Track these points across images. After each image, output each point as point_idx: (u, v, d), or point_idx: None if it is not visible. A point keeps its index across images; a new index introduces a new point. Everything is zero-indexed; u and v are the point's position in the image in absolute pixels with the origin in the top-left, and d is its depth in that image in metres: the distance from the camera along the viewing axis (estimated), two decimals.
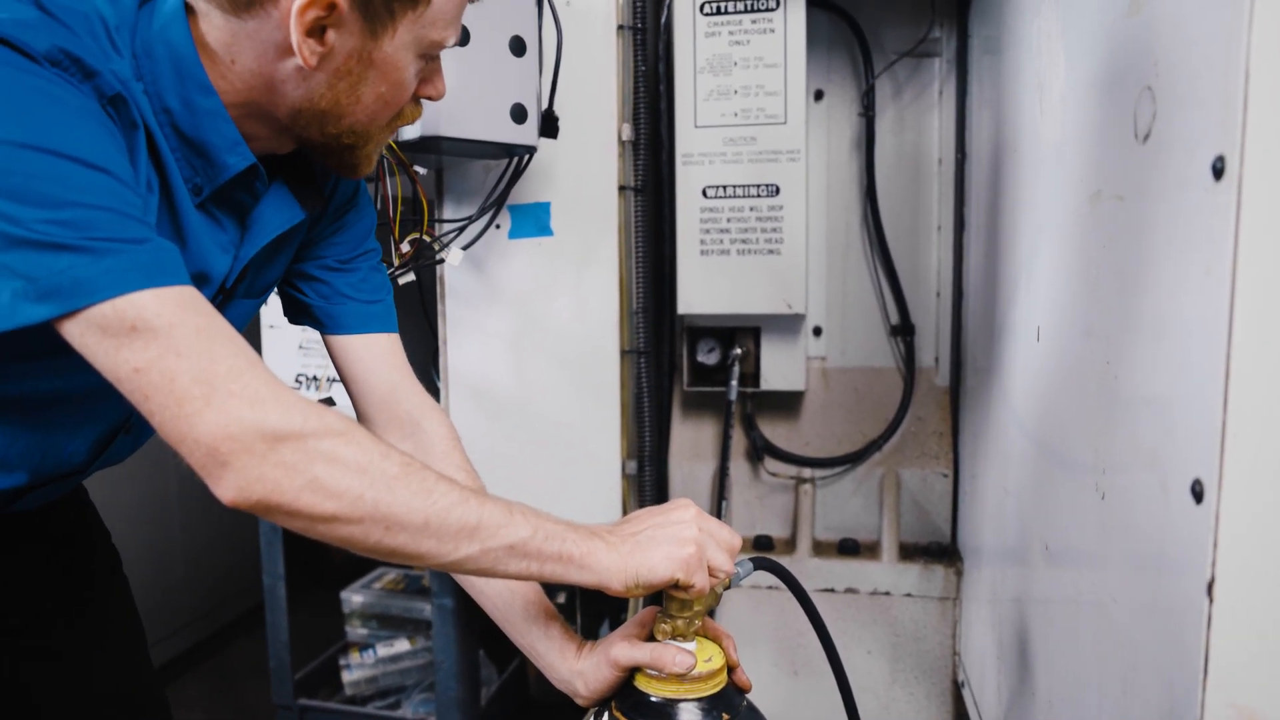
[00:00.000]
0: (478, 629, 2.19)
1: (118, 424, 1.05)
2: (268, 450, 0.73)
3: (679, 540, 0.91)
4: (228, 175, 0.92)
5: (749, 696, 1.07)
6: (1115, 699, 0.86)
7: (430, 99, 0.98)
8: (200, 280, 0.97)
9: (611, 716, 1.04)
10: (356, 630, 2.61)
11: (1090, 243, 0.96)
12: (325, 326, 1.15)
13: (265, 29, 0.85)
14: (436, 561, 0.81)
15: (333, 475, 0.75)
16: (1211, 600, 0.65)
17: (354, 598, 2.59)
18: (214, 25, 0.87)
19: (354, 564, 2.85)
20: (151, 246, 0.75)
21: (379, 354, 1.17)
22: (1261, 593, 0.64)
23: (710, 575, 0.96)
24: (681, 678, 1.02)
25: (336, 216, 1.13)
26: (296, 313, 1.17)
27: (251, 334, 2.78)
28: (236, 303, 1.06)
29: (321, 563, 2.93)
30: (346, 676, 2.49)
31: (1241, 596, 0.65)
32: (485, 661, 2.48)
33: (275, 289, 1.15)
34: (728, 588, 1.11)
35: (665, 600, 1.07)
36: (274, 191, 1.00)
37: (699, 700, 1.02)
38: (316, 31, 0.85)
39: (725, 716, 1.02)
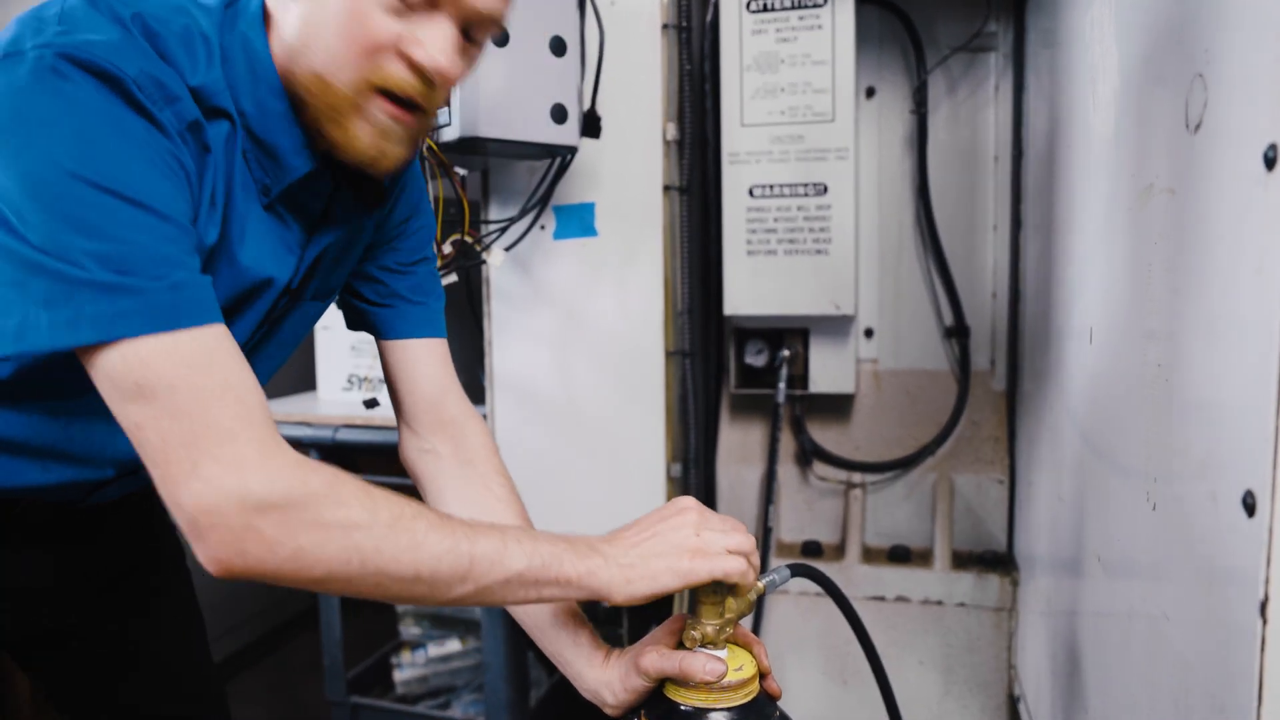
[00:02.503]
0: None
1: None
2: (248, 523, 0.73)
3: (679, 549, 0.90)
4: (294, 177, 0.93)
5: (780, 704, 1.05)
6: (1170, 715, 0.82)
7: (419, 65, 0.87)
8: (265, 283, 0.98)
9: None
10: (410, 629, 2.64)
11: (1142, 239, 0.92)
12: (381, 332, 1.17)
13: None
14: (433, 602, 0.82)
15: (317, 543, 0.75)
16: (1265, 621, 0.61)
17: None
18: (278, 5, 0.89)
19: None
20: (175, 288, 0.76)
21: (428, 358, 1.18)
22: None
23: (729, 580, 0.94)
24: (712, 686, 1.00)
25: (401, 221, 1.14)
26: (355, 319, 1.19)
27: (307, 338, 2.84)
28: (304, 305, 1.07)
29: None
30: (398, 675, 2.52)
31: None
32: (534, 663, 2.48)
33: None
34: (763, 595, 1.09)
35: (696, 605, 1.05)
36: (341, 194, 1.01)
37: (730, 710, 1.00)
38: None
39: None
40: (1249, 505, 0.62)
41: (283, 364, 1.14)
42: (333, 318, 2.19)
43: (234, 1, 0.92)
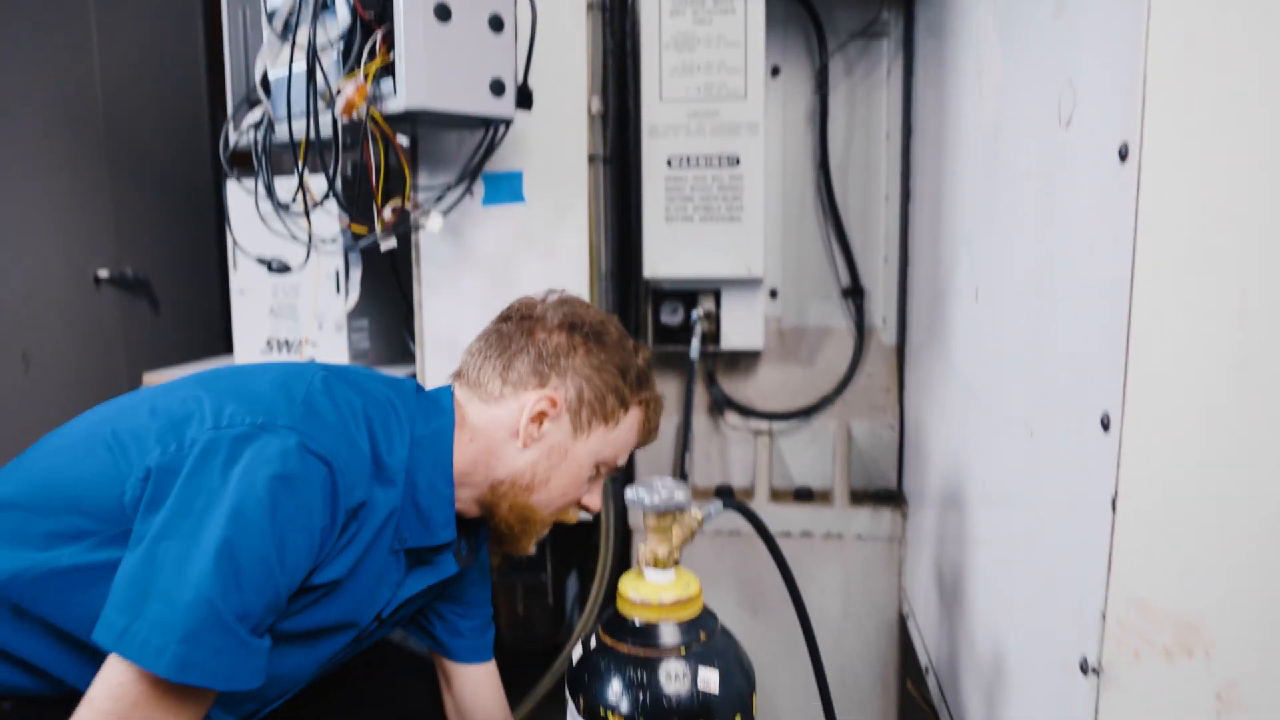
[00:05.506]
0: None
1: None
2: None
3: None
4: (436, 543, 1.18)
5: None
6: (1039, 600, 1.01)
7: (586, 509, 1.28)
8: (363, 613, 1.18)
9: (600, 640, 1.16)
10: None
11: (1021, 213, 1.09)
12: (450, 655, 1.41)
13: (505, 415, 1.20)
14: None
15: None
16: (1115, 511, 0.79)
17: None
18: (470, 410, 1.21)
19: None
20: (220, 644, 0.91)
21: (485, 681, 1.44)
22: (1155, 504, 0.78)
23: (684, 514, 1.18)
24: (662, 604, 1.14)
25: (472, 576, 1.41)
26: (421, 632, 1.41)
27: (223, 301, 2.82)
28: (385, 627, 1.27)
29: None
30: None
31: (1138, 509, 0.78)
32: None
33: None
34: (701, 524, 1.24)
35: (646, 532, 1.19)
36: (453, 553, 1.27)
37: (679, 622, 1.14)
38: (538, 421, 1.19)
39: (703, 635, 1.14)
40: (1105, 423, 0.80)
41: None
42: (252, 280, 2.20)
43: (421, 389, 1.24)
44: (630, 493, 1.17)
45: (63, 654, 1.03)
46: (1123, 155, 0.76)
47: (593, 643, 1.16)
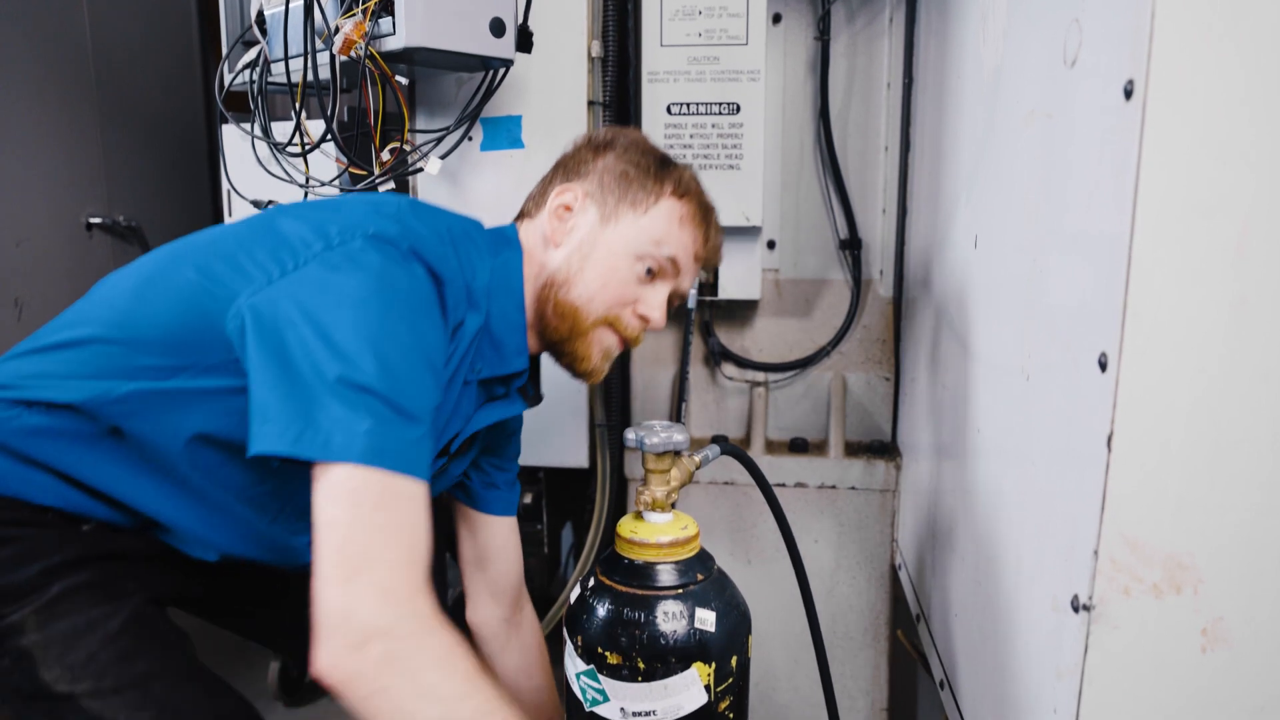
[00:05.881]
0: (445, 533, 2.31)
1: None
2: (358, 644, 0.83)
3: None
4: (509, 370, 1.20)
5: None
6: (1031, 539, 1.02)
7: (646, 320, 1.23)
8: (445, 445, 1.21)
9: (598, 581, 1.18)
10: None
11: (1023, 157, 1.09)
12: (478, 506, 1.43)
13: (541, 224, 1.23)
14: None
15: (399, 694, 0.83)
16: (1110, 450, 0.80)
17: None
18: (524, 238, 1.24)
19: None
20: (421, 442, 0.93)
21: (508, 533, 1.46)
22: (1150, 445, 0.79)
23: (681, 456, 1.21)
24: (661, 545, 1.16)
25: (514, 428, 1.43)
26: (453, 486, 1.41)
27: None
28: (453, 464, 1.29)
29: None
30: None
31: (1133, 447, 0.79)
32: (451, 564, 2.59)
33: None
34: (699, 467, 1.25)
35: (645, 474, 1.20)
36: (522, 388, 1.29)
37: (676, 563, 1.16)
38: (563, 216, 1.21)
39: (700, 577, 1.16)
40: (1103, 364, 0.81)
41: None
42: None
43: (492, 229, 1.25)
44: (630, 434, 1.18)
45: (149, 483, 1.06)
46: (1128, 93, 0.76)
47: (591, 582, 1.18)
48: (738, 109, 1.87)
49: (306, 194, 1.73)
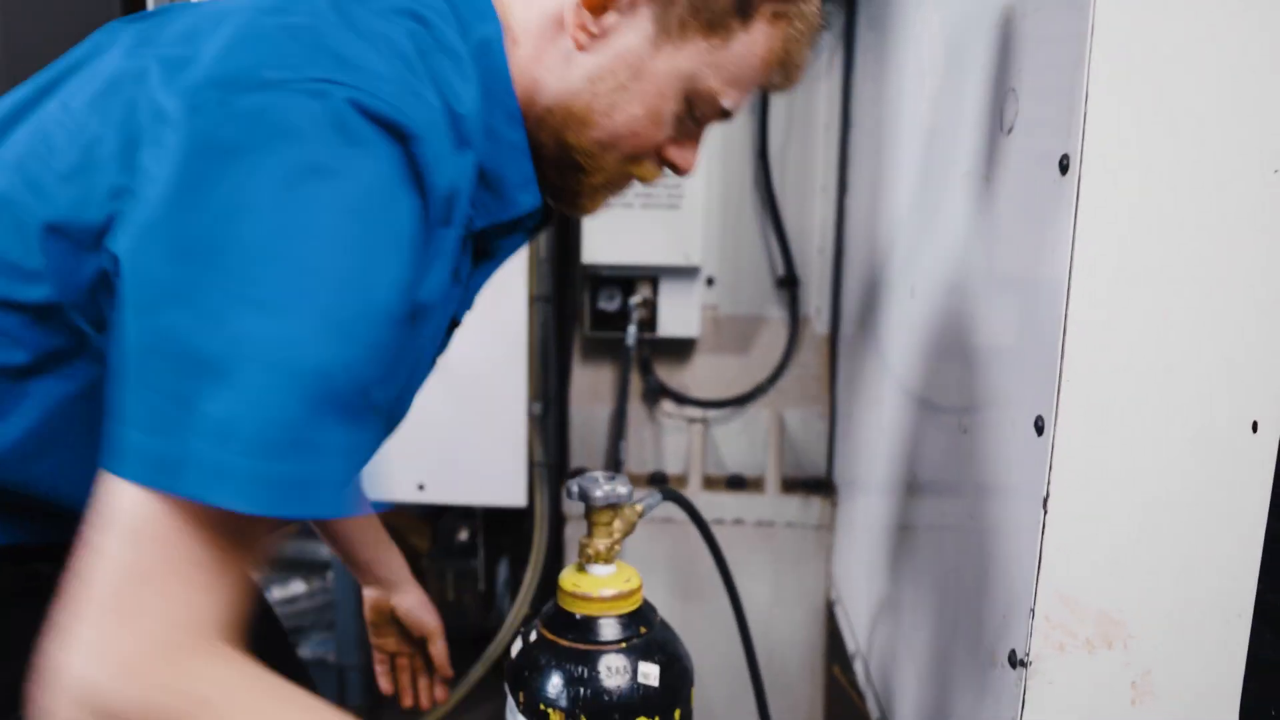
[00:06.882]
0: None
1: None
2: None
3: None
4: (514, 214, 0.83)
5: None
6: (968, 598, 1.04)
7: (675, 168, 0.88)
8: (452, 324, 0.93)
9: (540, 635, 1.16)
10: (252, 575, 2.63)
11: (960, 214, 1.12)
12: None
13: (552, 2, 0.79)
14: None
15: None
16: (1046, 512, 0.82)
17: None
18: (511, 6, 0.80)
19: None
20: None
21: None
22: (1084, 507, 0.81)
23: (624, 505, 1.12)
24: (604, 599, 1.15)
25: (488, 271, 0.97)
26: None
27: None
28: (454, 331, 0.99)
29: None
30: None
31: (1068, 509, 0.81)
32: None
33: None
34: (640, 516, 1.24)
35: (590, 527, 1.19)
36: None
37: (619, 616, 1.15)
38: (597, 9, 0.77)
39: (642, 630, 1.15)
40: (1039, 427, 0.83)
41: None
42: None
43: None
44: (573, 485, 1.16)
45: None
46: (1063, 167, 0.78)
47: (533, 636, 1.16)
48: None
49: None
